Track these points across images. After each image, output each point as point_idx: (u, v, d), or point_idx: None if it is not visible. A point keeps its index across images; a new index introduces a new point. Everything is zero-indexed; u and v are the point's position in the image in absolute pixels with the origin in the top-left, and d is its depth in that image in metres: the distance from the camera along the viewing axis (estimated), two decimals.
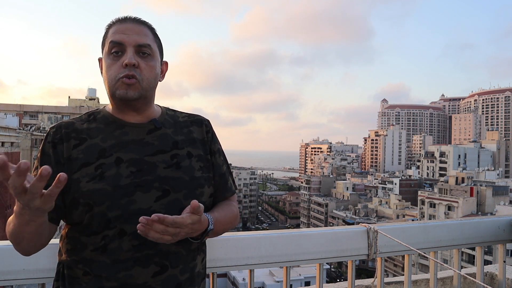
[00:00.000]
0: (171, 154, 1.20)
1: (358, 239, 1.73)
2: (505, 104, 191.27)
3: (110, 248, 1.10)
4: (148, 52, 1.19)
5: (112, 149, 1.16)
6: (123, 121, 1.22)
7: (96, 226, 1.10)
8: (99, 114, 1.25)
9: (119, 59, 1.16)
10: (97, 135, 1.19)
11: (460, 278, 1.96)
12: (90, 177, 1.12)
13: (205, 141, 1.31)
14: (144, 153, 1.17)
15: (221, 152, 1.36)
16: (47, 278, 1.34)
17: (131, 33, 1.17)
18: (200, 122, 1.34)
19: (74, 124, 1.22)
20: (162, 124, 1.25)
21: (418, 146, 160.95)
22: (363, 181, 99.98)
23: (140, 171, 1.14)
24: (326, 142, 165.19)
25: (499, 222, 2.04)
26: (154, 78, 1.21)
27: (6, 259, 1.29)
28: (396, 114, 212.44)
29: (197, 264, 1.21)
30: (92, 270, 1.10)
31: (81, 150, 1.16)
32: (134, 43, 1.17)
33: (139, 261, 1.10)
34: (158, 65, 1.23)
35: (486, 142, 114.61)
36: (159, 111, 1.30)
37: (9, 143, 26.73)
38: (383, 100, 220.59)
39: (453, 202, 55.65)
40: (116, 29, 1.18)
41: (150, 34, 1.22)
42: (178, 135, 1.26)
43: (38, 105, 59.52)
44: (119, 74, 1.15)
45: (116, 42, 1.16)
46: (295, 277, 31.04)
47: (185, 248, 1.17)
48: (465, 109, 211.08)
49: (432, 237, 1.88)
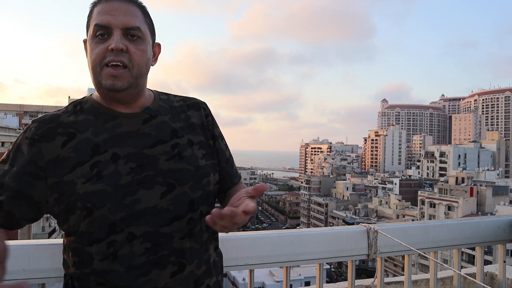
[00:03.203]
0: (172, 144, 1.10)
1: (358, 239, 1.73)
2: (505, 104, 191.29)
3: (121, 255, 1.01)
4: (137, 35, 1.06)
5: (107, 144, 1.05)
6: (115, 111, 1.10)
7: (98, 232, 1.01)
8: (86, 104, 1.13)
9: (104, 42, 1.04)
10: (87, 128, 1.07)
11: (460, 278, 1.96)
12: (86, 177, 1.01)
13: (205, 125, 1.21)
14: (142, 146, 1.07)
15: (222, 136, 1.27)
16: (47, 278, 1.34)
17: (118, 14, 1.04)
18: (197, 106, 1.23)
19: (60, 117, 1.09)
20: (157, 111, 1.14)
21: (418, 146, 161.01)
22: (363, 181, 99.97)
23: (141, 166, 1.05)
24: (326, 142, 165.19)
25: (499, 222, 2.04)
26: (145, 63, 1.09)
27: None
28: (396, 114, 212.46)
29: (211, 254, 1.15)
30: (107, 281, 1.01)
31: (72, 147, 1.04)
32: (122, 25, 1.04)
33: (156, 263, 1.02)
34: (149, 48, 1.11)
35: (486, 142, 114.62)
36: (152, 97, 1.18)
37: (9, 143, 26.74)
38: (383, 100, 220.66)
39: (453, 202, 55.66)
40: (102, 8, 1.05)
41: (140, 14, 1.09)
42: (176, 121, 1.15)
43: (38, 105, 59.54)
44: (103, 60, 1.03)
45: (101, 25, 1.04)
46: (295, 277, 31.05)
47: (198, 242, 1.10)
48: (465, 109, 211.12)
49: (432, 237, 1.88)
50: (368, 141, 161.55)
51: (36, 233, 28.97)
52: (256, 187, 0.98)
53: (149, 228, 1.02)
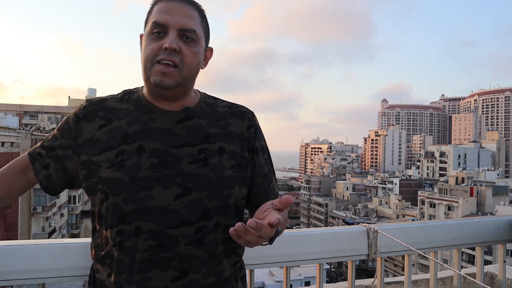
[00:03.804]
0: (200, 148, 1.09)
1: (358, 239, 1.73)
2: (505, 104, 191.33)
3: (127, 246, 1.03)
4: (192, 37, 1.08)
5: (136, 136, 1.08)
6: (155, 106, 1.12)
7: (111, 219, 1.04)
8: (134, 95, 1.17)
9: (159, 40, 1.06)
10: (124, 117, 1.11)
11: (460, 278, 1.96)
12: (110, 163, 1.05)
13: (244, 136, 1.17)
14: (169, 144, 1.07)
15: (265, 150, 1.23)
16: (47, 278, 1.34)
17: (176, 14, 1.07)
18: (242, 115, 1.20)
19: (106, 102, 1.15)
20: (195, 114, 1.13)
21: (418, 146, 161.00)
22: (363, 181, 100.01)
23: (162, 164, 1.05)
24: (326, 142, 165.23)
25: (499, 222, 2.03)
26: (195, 66, 1.11)
27: (6, 259, 1.29)
28: (396, 114, 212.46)
29: (225, 268, 1.10)
30: (115, 269, 1.04)
31: (106, 131, 1.09)
32: (178, 26, 1.06)
33: (156, 263, 1.02)
34: (201, 51, 1.13)
35: (486, 142, 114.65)
36: (197, 99, 1.18)
37: (9, 143, 26.73)
38: (383, 100, 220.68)
39: (453, 202, 55.68)
40: (161, 7, 1.08)
41: (197, 17, 1.11)
42: (212, 127, 1.14)
43: (38, 105, 59.55)
44: (156, 57, 1.06)
45: (159, 23, 1.06)
46: (295, 277, 31.04)
47: (209, 252, 1.06)
48: (465, 109, 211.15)
49: (432, 237, 1.87)
50: (368, 141, 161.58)
51: (36, 233, 28.97)
52: (282, 199, 0.93)
53: (156, 226, 1.02)
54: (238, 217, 1.14)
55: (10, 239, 1.07)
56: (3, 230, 22.94)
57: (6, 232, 23.70)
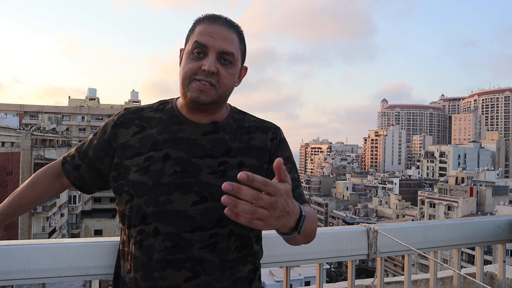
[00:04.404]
0: (220, 161, 1.15)
1: (358, 239, 1.73)
2: (505, 104, 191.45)
3: (145, 245, 1.10)
4: (230, 60, 1.14)
5: (164, 144, 1.16)
6: (185, 117, 1.20)
7: (134, 219, 1.12)
8: (168, 105, 1.25)
9: (199, 60, 1.12)
10: (156, 125, 1.20)
11: (460, 278, 1.96)
12: (139, 167, 1.13)
13: (266, 148, 1.22)
14: (192, 154, 1.14)
15: (290, 160, 1.25)
16: (47, 278, 1.34)
17: (217, 37, 1.12)
18: (267, 129, 1.25)
19: (142, 111, 1.24)
20: (221, 128, 1.20)
21: (418, 146, 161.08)
22: (363, 181, 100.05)
23: (184, 172, 1.12)
24: (326, 142, 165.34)
25: (499, 222, 2.04)
26: (231, 86, 1.18)
27: (6, 259, 1.29)
28: (396, 114, 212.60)
29: (237, 274, 1.14)
30: (133, 266, 1.12)
31: (139, 138, 1.18)
32: (218, 49, 1.12)
33: (171, 263, 1.08)
34: (237, 72, 1.19)
35: (486, 142, 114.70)
36: (226, 113, 1.25)
37: (9, 143, 26.75)
38: (383, 100, 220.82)
39: (453, 202, 55.70)
40: (204, 29, 1.14)
41: (236, 40, 1.17)
42: (235, 141, 1.20)
43: (38, 105, 59.59)
44: (194, 75, 1.12)
45: (200, 43, 1.12)
46: (295, 277, 31.06)
47: (220, 258, 1.11)
48: (465, 109, 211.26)
49: (432, 237, 1.88)
50: (368, 141, 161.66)
51: (36, 233, 28.98)
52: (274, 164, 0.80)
53: (173, 229, 1.09)
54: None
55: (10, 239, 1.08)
56: (3, 230, 22.95)
57: (6, 232, 23.73)
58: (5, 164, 24.28)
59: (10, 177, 25.17)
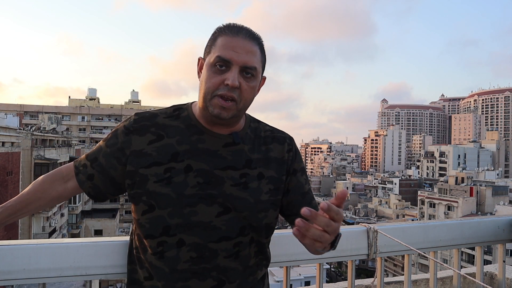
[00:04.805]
0: (242, 173, 1.16)
1: (358, 239, 1.73)
2: (505, 104, 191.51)
3: (167, 256, 1.11)
4: (252, 73, 1.13)
5: (185, 155, 1.14)
6: (204, 128, 1.18)
7: (153, 230, 1.11)
8: (184, 112, 1.22)
9: (221, 74, 1.10)
10: (174, 135, 1.17)
11: (460, 278, 1.96)
12: (158, 178, 1.12)
13: (284, 160, 1.24)
14: (215, 166, 1.15)
15: (304, 171, 1.30)
16: (48, 278, 1.34)
17: (241, 52, 1.10)
18: (283, 140, 1.27)
19: (157, 117, 1.20)
20: (241, 139, 1.20)
21: (418, 146, 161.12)
22: (363, 181, 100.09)
23: (207, 184, 1.13)
24: (326, 142, 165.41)
25: (499, 222, 2.04)
26: (251, 99, 1.17)
27: (6, 259, 1.29)
28: (396, 114, 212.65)
29: (255, 278, 1.20)
30: (155, 276, 1.12)
31: (156, 147, 1.15)
32: (241, 64, 1.10)
33: (196, 274, 1.10)
34: (258, 84, 1.18)
35: (486, 142, 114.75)
36: (243, 123, 1.25)
37: (9, 143, 26.74)
38: (383, 100, 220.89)
39: (453, 202, 55.72)
40: (227, 42, 1.11)
41: (258, 53, 1.15)
42: (254, 153, 1.21)
43: (39, 105, 59.59)
44: (217, 91, 1.10)
45: (224, 58, 1.10)
46: (295, 277, 31.06)
47: (242, 264, 1.16)
48: (465, 109, 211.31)
49: (432, 237, 1.88)
50: (368, 141, 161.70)
51: (36, 233, 28.98)
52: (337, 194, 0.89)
53: (198, 240, 1.11)
54: (268, 231, 1.22)
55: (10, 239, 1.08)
56: (3, 230, 22.94)
57: (7, 232, 23.72)
58: (5, 164, 24.26)
59: (10, 177, 25.16)
